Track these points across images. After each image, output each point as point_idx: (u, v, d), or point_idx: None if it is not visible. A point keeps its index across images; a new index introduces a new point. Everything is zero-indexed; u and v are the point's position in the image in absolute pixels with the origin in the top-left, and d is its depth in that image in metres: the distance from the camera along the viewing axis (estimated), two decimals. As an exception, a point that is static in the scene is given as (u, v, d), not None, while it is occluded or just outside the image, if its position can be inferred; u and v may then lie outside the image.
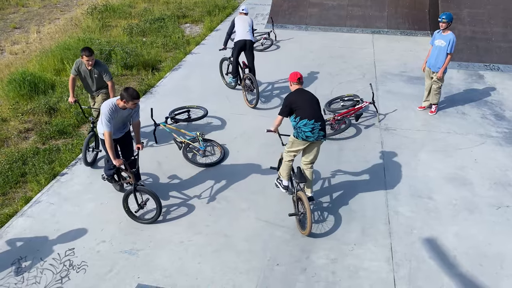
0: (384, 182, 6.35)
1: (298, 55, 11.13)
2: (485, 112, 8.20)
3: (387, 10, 12.94)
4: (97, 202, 6.07)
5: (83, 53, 6.60)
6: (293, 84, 5.55)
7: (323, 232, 5.46)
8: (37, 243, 5.36)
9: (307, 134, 5.27)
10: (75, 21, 14.49)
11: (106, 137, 5.34)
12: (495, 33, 10.58)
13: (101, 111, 5.33)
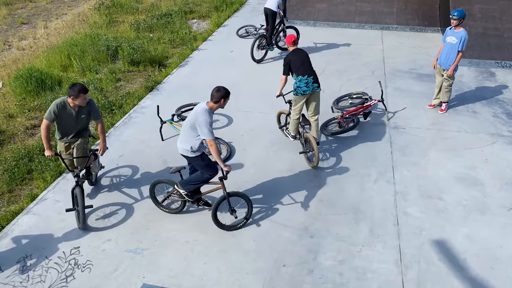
0: (393, 182, 6.25)
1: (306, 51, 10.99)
2: (496, 111, 8.05)
3: (397, 6, 12.74)
4: (103, 200, 6.04)
5: (80, 93, 5.28)
6: (290, 46, 6.68)
7: (331, 233, 5.38)
8: (43, 241, 5.34)
9: (303, 88, 6.40)
10: (83, 16, 14.47)
11: (212, 145, 4.99)
12: (507, 30, 10.37)
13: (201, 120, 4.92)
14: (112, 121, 8.02)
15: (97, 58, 10.65)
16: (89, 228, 5.55)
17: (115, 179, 6.49)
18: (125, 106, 8.51)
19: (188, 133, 5.13)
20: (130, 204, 5.97)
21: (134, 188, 6.27)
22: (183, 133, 5.20)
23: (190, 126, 5.09)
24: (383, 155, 6.87)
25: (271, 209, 5.79)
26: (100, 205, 5.94)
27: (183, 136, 5.20)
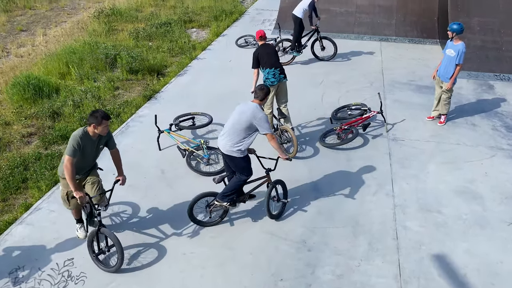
0: (392, 195, 6.19)
1: (304, 61, 11.00)
2: (495, 124, 8.02)
3: (396, 18, 12.80)
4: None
5: (103, 120, 4.74)
6: (258, 41, 7.23)
7: (329, 247, 5.31)
8: (36, 252, 5.24)
9: (271, 80, 6.98)
10: (82, 24, 14.47)
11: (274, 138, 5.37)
12: (505, 43, 10.41)
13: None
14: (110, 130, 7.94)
15: (96, 66, 10.61)
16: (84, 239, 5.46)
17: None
18: (123, 114, 8.45)
19: (240, 135, 5.20)
20: (125, 215, 5.88)
21: (130, 198, 6.19)
22: (233, 136, 5.21)
23: (246, 126, 5.17)
24: (382, 167, 6.82)
25: (269, 222, 5.71)
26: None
27: (234, 138, 5.21)
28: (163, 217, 5.84)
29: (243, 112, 5.24)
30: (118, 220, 5.80)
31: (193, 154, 7.05)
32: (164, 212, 5.93)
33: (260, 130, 5.23)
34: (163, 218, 5.81)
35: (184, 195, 6.23)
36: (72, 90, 9.39)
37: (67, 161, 4.65)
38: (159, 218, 5.81)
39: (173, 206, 6.04)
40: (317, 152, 7.24)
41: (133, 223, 5.73)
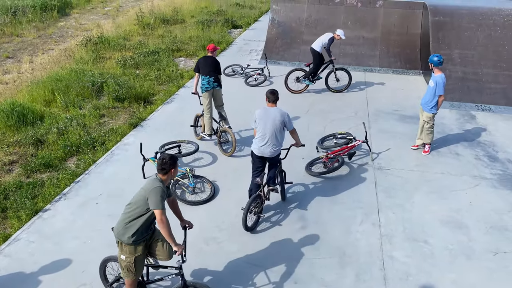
0: (378, 225, 6.17)
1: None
2: (478, 153, 8.15)
3: (379, 49, 13.12)
4: (79, 241, 5.80)
5: (176, 163, 4.42)
6: (208, 51, 8.28)
7: (315, 278, 5.22)
8: (13, 285, 5.04)
9: (206, 86, 7.99)
10: (69, 52, 14.48)
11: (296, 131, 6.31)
12: (485, 74, 10.72)
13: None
14: (94, 158, 7.85)
15: (82, 93, 10.58)
16: (64, 270, 5.28)
17: (93, 219, 6.26)
18: (108, 142, 8.37)
19: (281, 136, 6.04)
20: (107, 245, 5.73)
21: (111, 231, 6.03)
22: (277, 140, 6.01)
23: (283, 127, 6.00)
24: (368, 196, 6.82)
25: (253, 253, 5.62)
26: (77, 246, 5.69)
27: (278, 140, 6.02)
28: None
29: (275, 117, 5.94)
30: (98, 250, 5.63)
31: (178, 183, 6.97)
32: (147, 242, 5.79)
33: (288, 127, 6.06)
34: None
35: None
36: (57, 118, 9.30)
37: (161, 215, 4.16)
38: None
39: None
40: (304, 180, 7.23)
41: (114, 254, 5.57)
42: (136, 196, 4.29)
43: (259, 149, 6.02)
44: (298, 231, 6.04)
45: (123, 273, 4.38)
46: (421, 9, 12.95)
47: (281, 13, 13.97)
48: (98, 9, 22.80)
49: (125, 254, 4.28)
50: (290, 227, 6.11)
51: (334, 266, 5.40)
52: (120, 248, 4.30)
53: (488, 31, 11.27)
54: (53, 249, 5.64)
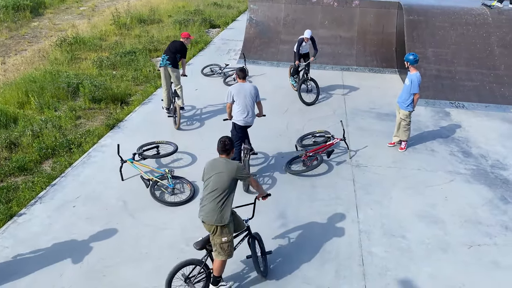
0: (357, 221, 6.25)
1: (269, 91, 11.15)
2: (453, 149, 8.34)
3: (356, 48, 13.29)
4: (56, 245, 5.68)
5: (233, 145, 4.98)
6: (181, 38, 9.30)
7: (296, 275, 5.25)
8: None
9: (160, 62, 9.12)
10: (43, 53, 14.16)
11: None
12: (458, 72, 10.98)
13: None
14: (70, 161, 7.71)
15: (57, 95, 10.37)
16: (42, 274, 5.17)
17: (71, 222, 6.15)
18: (85, 144, 8.23)
19: (253, 106, 6.99)
20: (85, 248, 5.64)
21: (90, 232, 5.95)
22: (252, 109, 6.97)
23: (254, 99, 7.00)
24: (347, 193, 6.90)
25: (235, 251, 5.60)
26: (54, 249, 5.58)
27: (253, 111, 7.00)
28: (125, 254, 5.63)
29: (250, 90, 6.96)
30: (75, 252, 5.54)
31: (157, 184, 6.91)
32: (126, 247, 5.73)
33: (258, 98, 7.07)
34: (124, 256, 5.60)
35: (147, 226, 6.06)
36: (32, 120, 9.09)
37: (254, 180, 5.06)
38: (119, 254, 5.60)
39: (135, 238, 5.84)
40: (283, 179, 7.26)
41: (92, 257, 5.49)
42: (217, 182, 4.61)
43: (244, 120, 6.93)
44: (279, 228, 6.07)
45: (222, 256, 4.71)
46: (396, 8, 13.17)
47: (258, 13, 13.99)
48: (72, 9, 22.37)
49: (227, 235, 4.66)
50: (270, 225, 6.13)
51: (315, 263, 5.45)
52: (220, 232, 4.61)
53: (460, 30, 11.55)
54: (29, 254, 5.52)
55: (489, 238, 5.96)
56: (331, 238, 5.89)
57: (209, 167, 4.78)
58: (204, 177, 4.77)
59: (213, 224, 4.57)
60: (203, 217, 4.63)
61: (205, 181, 4.73)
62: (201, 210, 4.68)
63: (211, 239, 4.71)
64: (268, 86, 11.48)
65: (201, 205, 4.69)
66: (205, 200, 4.64)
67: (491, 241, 5.89)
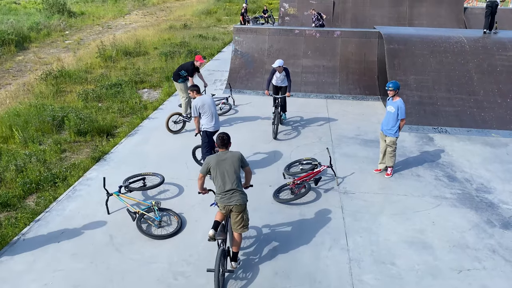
0: (347, 249, 6.22)
1: (255, 119, 11.26)
2: (438, 174, 8.45)
3: (339, 77, 13.57)
4: (40, 283, 5.52)
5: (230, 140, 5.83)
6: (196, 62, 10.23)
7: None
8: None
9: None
10: (28, 86, 14.14)
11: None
12: (440, 98, 11.25)
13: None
14: (55, 195, 7.59)
15: (42, 128, 10.29)
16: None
17: (55, 259, 6.00)
18: (70, 178, 8.12)
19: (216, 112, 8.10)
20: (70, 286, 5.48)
21: (75, 268, 5.80)
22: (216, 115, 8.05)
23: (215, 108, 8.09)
24: (335, 221, 6.89)
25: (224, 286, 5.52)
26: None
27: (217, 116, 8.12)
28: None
29: (212, 101, 8.04)
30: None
31: (143, 217, 6.81)
32: (113, 284, 5.58)
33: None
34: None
35: (134, 261, 5.94)
36: (15, 154, 8.97)
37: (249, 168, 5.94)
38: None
39: (122, 273, 5.71)
40: (272, 208, 7.24)
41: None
42: (230, 170, 5.47)
43: (214, 126, 7.95)
44: (268, 259, 6.00)
45: (245, 228, 5.56)
46: (377, 37, 13.58)
47: (243, 44, 14.27)
48: (58, 42, 22.52)
49: (246, 212, 5.57)
50: (259, 255, 6.06)
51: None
52: (245, 208, 5.53)
53: (439, 57, 11.91)
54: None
55: (478, 262, 5.97)
56: (321, 268, 5.84)
57: (214, 162, 5.51)
58: (211, 171, 5.53)
59: (243, 203, 5.45)
60: (235, 202, 5.38)
61: (215, 175, 5.49)
62: (229, 198, 5.39)
63: (236, 219, 5.46)
64: (254, 114, 11.59)
65: (225, 195, 5.41)
66: (227, 188, 5.41)
67: (480, 265, 5.90)
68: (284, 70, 10.23)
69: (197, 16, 32.25)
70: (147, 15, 33.47)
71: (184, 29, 25.72)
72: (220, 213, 5.53)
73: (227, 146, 5.61)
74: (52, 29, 24.80)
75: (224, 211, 5.48)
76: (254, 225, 6.74)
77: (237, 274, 5.70)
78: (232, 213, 5.47)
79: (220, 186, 5.45)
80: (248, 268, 5.80)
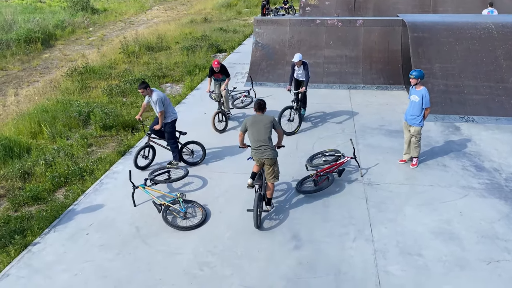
0: (372, 240, 6.17)
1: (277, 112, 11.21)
2: (465, 164, 8.26)
3: (362, 67, 13.38)
4: (70, 274, 5.69)
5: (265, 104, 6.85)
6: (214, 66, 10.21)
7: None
8: (3, 324, 4.91)
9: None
10: (54, 83, 14.49)
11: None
12: (466, 86, 10.96)
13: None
14: (83, 188, 7.78)
15: (69, 124, 10.55)
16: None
17: (84, 250, 6.17)
18: (97, 172, 8.31)
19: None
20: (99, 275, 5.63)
21: (104, 259, 5.96)
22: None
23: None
24: (360, 212, 6.84)
25: (249, 275, 5.57)
26: (68, 278, 5.58)
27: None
28: (139, 281, 5.61)
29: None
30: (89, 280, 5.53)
31: (169, 209, 6.92)
32: (140, 274, 5.71)
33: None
34: (138, 282, 5.58)
35: (160, 252, 6.05)
36: (44, 149, 9.24)
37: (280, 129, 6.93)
38: (134, 281, 5.58)
39: (149, 265, 5.83)
40: (295, 199, 7.23)
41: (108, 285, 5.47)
42: (263, 130, 6.44)
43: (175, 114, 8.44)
44: (292, 250, 6.01)
45: (277, 178, 6.60)
46: (400, 26, 13.30)
47: (264, 36, 14.21)
48: (82, 39, 22.94)
49: (276, 165, 6.59)
50: (283, 247, 6.08)
51: (330, 284, 5.37)
52: (275, 162, 6.54)
53: (466, 45, 11.58)
54: (44, 283, 5.53)
55: (507, 253, 5.83)
56: (346, 259, 5.82)
57: (250, 121, 6.54)
58: (248, 129, 6.54)
59: (273, 157, 6.44)
60: (267, 156, 6.38)
61: (251, 132, 6.48)
62: (262, 153, 6.39)
63: (268, 170, 6.49)
64: (276, 107, 11.54)
65: (258, 149, 6.41)
66: (260, 144, 6.40)
67: (510, 257, 5.76)
68: (302, 64, 9.98)
69: (217, 9, 32.28)
70: (168, 10, 33.71)
71: (204, 23, 25.80)
72: (256, 166, 6.53)
73: (263, 110, 6.60)
74: (76, 26, 25.27)
75: (258, 163, 6.49)
76: (277, 215, 6.76)
77: (260, 264, 5.72)
78: (265, 166, 6.50)
79: (254, 142, 6.46)
80: (272, 259, 5.83)
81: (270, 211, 6.87)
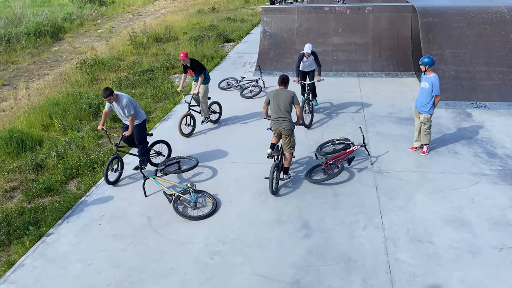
0: (382, 228, 6.17)
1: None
2: (476, 150, 8.18)
3: (371, 54, 13.23)
4: (84, 264, 5.79)
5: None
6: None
7: (323, 285, 5.20)
8: (20, 312, 5.03)
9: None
10: (64, 76, 14.60)
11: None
12: (478, 72, 10.80)
13: None
14: (94, 179, 7.87)
15: (79, 116, 10.64)
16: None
17: (97, 240, 6.26)
18: (108, 163, 8.38)
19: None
20: (111, 265, 5.72)
21: (116, 249, 6.04)
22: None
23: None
24: (370, 200, 6.83)
25: (259, 263, 5.61)
26: (82, 268, 5.68)
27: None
28: (151, 270, 5.69)
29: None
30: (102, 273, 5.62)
31: (179, 199, 6.98)
32: (151, 263, 5.79)
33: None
34: (150, 271, 5.66)
35: (171, 242, 6.12)
36: (56, 142, 9.34)
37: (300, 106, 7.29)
38: (145, 270, 5.66)
39: (160, 254, 5.90)
40: (304, 188, 7.24)
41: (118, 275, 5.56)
42: (283, 103, 6.94)
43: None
44: (303, 239, 6.04)
45: (293, 149, 7.15)
46: (410, 11, 13.10)
47: (272, 25, 14.11)
48: (91, 31, 23.01)
49: (293, 136, 7.09)
50: (294, 235, 6.11)
51: (341, 272, 5.40)
52: (292, 133, 7.05)
53: (477, 29, 11.39)
54: (58, 273, 5.63)
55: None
56: (356, 247, 5.83)
57: (273, 94, 7.04)
58: (271, 101, 7.04)
59: (290, 129, 6.92)
60: (284, 127, 6.88)
61: (272, 104, 6.99)
62: (280, 124, 6.90)
63: (285, 141, 7.00)
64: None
65: (277, 120, 6.91)
66: (279, 115, 6.90)
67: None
68: (312, 55, 9.76)
69: (225, -2, 32.07)
70: (175, 0, 33.59)
71: (212, 13, 25.69)
72: (274, 137, 7.06)
73: (285, 85, 7.10)
74: (84, 18, 25.34)
75: (276, 134, 7.00)
76: (287, 204, 6.78)
77: (271, 253, 5.76)
78: (282, 136, 7.00)
79: (273, 113, 6.96)
80: (282, 247, 5.86)
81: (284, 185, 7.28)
